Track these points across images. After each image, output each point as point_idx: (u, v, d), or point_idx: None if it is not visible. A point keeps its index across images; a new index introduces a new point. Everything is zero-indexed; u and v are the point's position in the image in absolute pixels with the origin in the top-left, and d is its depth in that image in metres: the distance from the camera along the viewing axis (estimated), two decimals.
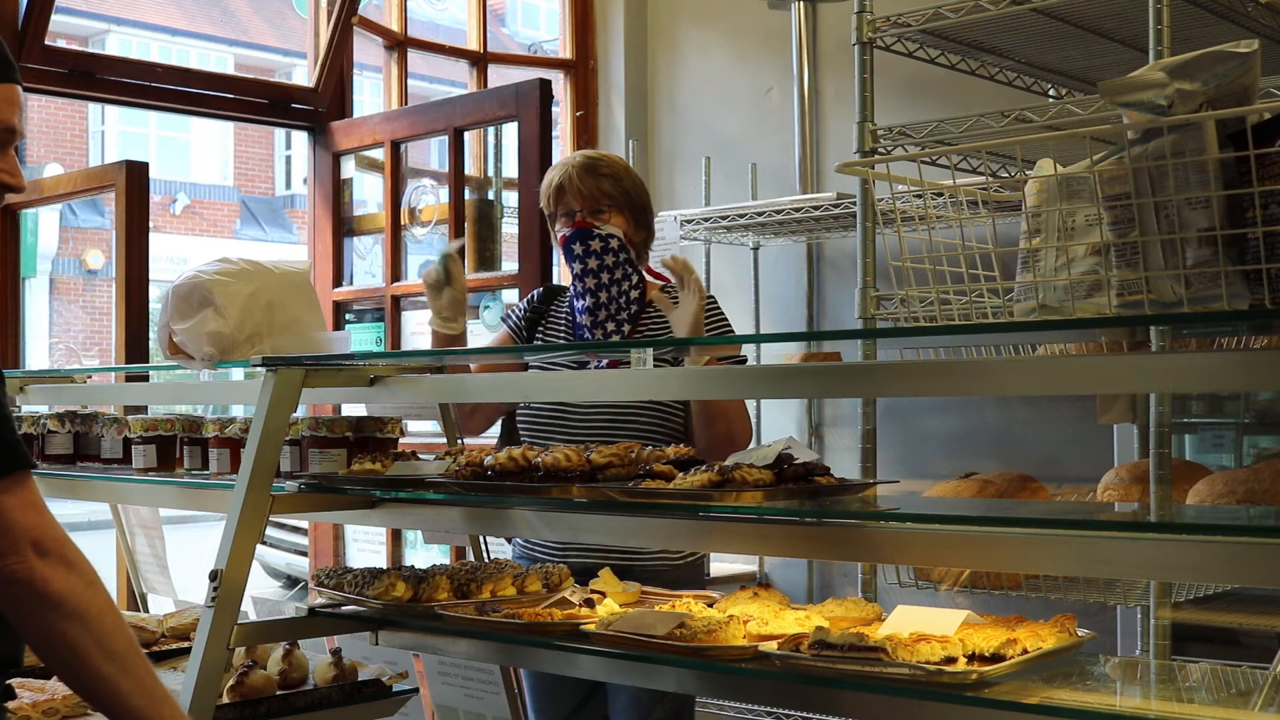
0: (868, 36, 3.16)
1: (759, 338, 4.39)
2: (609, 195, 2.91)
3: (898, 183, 2.00)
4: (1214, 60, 1.62)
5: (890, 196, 2.04)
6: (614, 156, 3.03)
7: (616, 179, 2.93)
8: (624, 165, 3.00)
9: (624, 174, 2.96)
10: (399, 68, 4.86)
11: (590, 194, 2.90)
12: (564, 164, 2.97)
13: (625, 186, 2.93)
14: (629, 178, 2.96)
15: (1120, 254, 1.70)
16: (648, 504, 1.99)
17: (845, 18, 3.29)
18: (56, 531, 1.63)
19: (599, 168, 2.93)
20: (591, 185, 2.90)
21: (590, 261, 2.89)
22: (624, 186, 2.93)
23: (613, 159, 3.00)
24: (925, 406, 4.31)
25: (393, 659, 2.59)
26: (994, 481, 3.40)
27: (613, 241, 2.89)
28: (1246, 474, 2.87)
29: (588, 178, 2.90)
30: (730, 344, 2.84)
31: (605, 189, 2.91)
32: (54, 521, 1.64)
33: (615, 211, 2.92)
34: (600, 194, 2.90)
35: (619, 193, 2.92)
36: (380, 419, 2.59)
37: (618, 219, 2.92)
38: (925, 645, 1.72)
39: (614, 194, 2.91)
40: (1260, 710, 1.68)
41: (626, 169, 2.99)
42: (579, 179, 2.90)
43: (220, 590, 2.16)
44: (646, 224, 2.99)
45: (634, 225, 2.94)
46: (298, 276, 2.87)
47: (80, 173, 4.42)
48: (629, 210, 2.93)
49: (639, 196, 2.97)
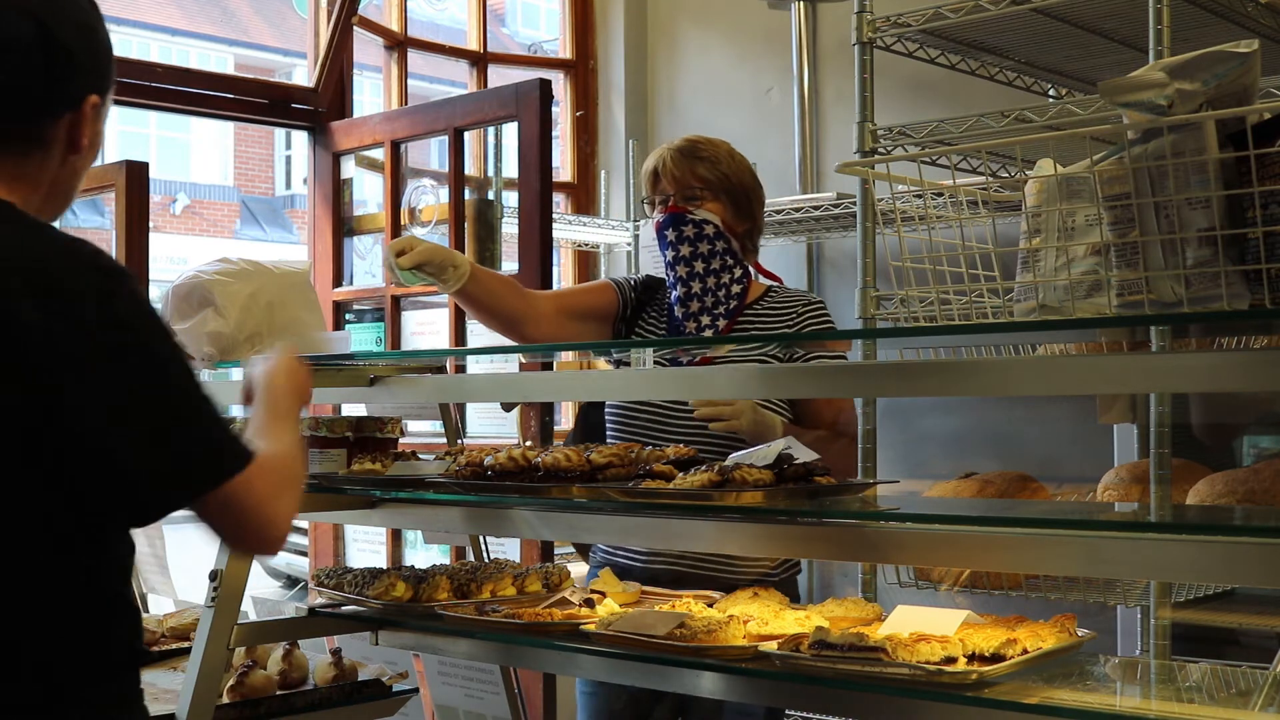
0: (868, 36, 3.16)
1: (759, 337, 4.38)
2: (704, 180, 2.74)
3: (898, 183, 2.00)
4: (1214, 60, 1.62)
5: (890, 196, 2.04)
6: (719, 141, 2.84)
7: (714, 162, 2.76)
8: (726, 149, 2.81)
9: (725, 158, 2.78)
10: (399, 68, 4.86)
11: (684, 177, 2.74)
12: (662, 147, 2.83)
13: (724, 170, 2.76)
14: (730, 162, 2.78)
15: (1120, 254, 1.70)
16: (648, 504, 1.99)
17: (845, 18, 3.29)
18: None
19: (696, 150, 2.77)
20: (685, 168, 2.75)
21: (683, 249, 2.73)
22: (723, 170, 2.76)
23: (713, 142, 2.81)
24: (925, 406, 4.31)
25: (393, 659, 2.59)
26: (994, 481, 3.40)
27: (707, 228, 2.73)
28: (1246, 474, 2.87)
29: (683, 160, 2.75)
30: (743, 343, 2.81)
31: (700, 173, 2.74)
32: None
33: (712, 197, 2.75)
34: (694, 178, 2.74)
35: (716, 177, 2.75)
36: (380, 419, 2.59)
37: (714, 205, 2.75)
38: (925, 645, 1.72)
39: (710, 178, 2.75)
40: (1260, 710, 1.68)
41: (730, 153, 2.80)
42: (673, 162, 2.75)
43: (220, 590, 2.16)
44: (750, 213, 2.81)
45: (734, 213, 2.77)
46: (298, 276, 2.87)
47: None
48: (727, 196, 2.76)
49: (741, 181, 2.78)
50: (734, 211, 2.78)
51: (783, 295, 2.90)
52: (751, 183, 2.83)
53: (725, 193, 2.77)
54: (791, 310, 2.87)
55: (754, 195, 2.83)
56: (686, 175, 2.75)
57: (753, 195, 2.83)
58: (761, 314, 2.85)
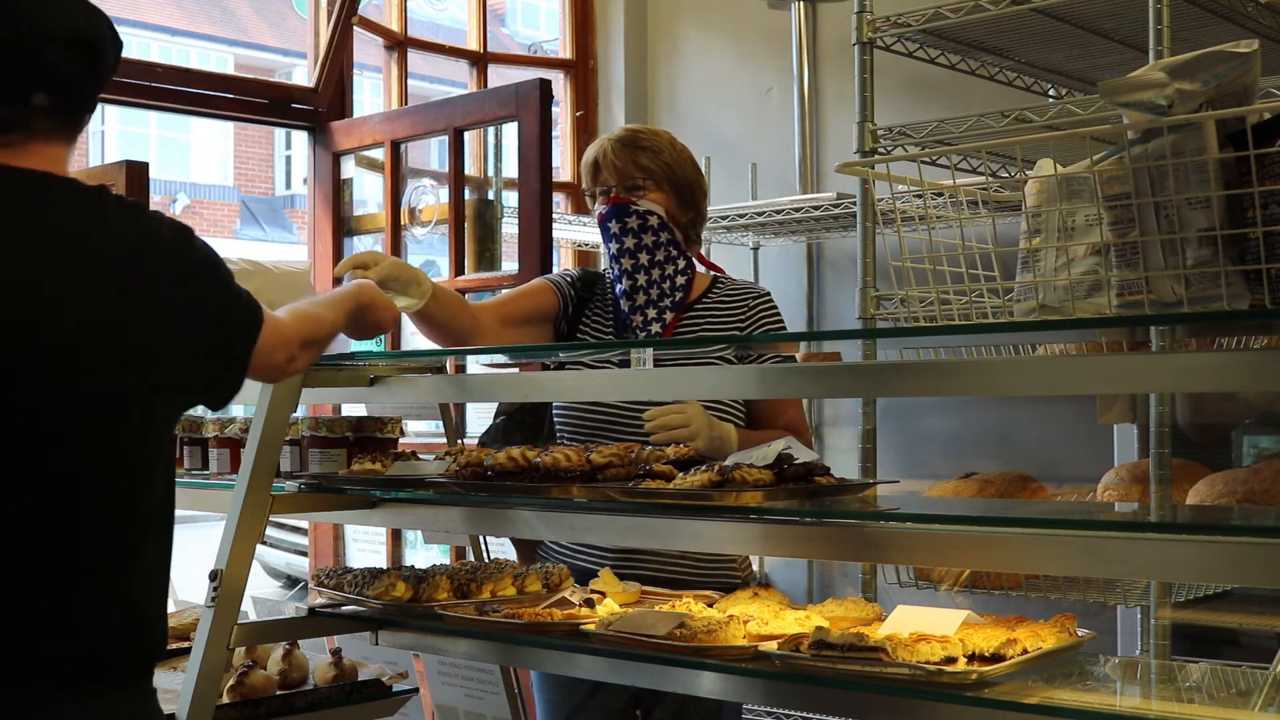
0: (868, 36, 3.16)
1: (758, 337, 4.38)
2: (646, 169, 2.70)
3: (898, 183, 2.00)
4: (1214, 60, 1.62)
5: (890, 196, 2.04)
6: (658, 130, 2.80)
7: (656, 152, 2.71)
8: (668, 139, 2.76)
9: (666, 148, 2.73)
10: (399, 68, 4.86)
11: (625, 168, 2.70)
12: (602, 138, 2.78)
13: (667, 160, 2.71)
14: (672, 151, 2.73)
15: (1120, 254, 1.70)
16: (648, 504, 1.99)
17: (845, 18, 3.29)
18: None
19: (637, 140, 2.72)
20: (627, 159, 2.70)
21: (627, 240, 2.68)
22: (665, 160, 2.71)
23: (655, 132, 2.77)
24: (925, 406, 4.31)
25: (393, 659, 2.59)
26: (994, 481, 3.40)
27: (651, 219, 2.68)
28: (1246, 474, 2.87)
29: (624, 151, 2.70)
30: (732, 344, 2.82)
31: (642, 162, 2.69)
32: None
33: (655, 187, 2.71)
34: (636, 168, 2.69)
35: (659, 166, 2.70)
36: (380, 419, 2.59)
37: (657, 195, 2.70)
38: (925, 645, 1.72)
39: (653, 168, 2.70)
40: (1260, 710, 1.68)
41: (670, 142, 2.75)
42: (614, 152, 2.70)
43: (220, 590, 2.16)
44: (694, 203, 2.75)
45: (678, 203, 2.72)
46: (298, 276, 2.87)
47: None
48: (670, 186, 2.72)
49: (684, 172, 2.74)
50: (678, 202, 2.73)
51: (730, 287, 2.84)
52: (694, 173, 2.77)
53: (668, 183, 2.72)
54: (742, 304, 2.81)
55: (697, 186, 2.78)
56: (628, 166, 2.70)
57: (695, 186, 2.77)
58: (711, 307, 2.79)
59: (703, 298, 2.80)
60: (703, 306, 2.79)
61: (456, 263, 4.23)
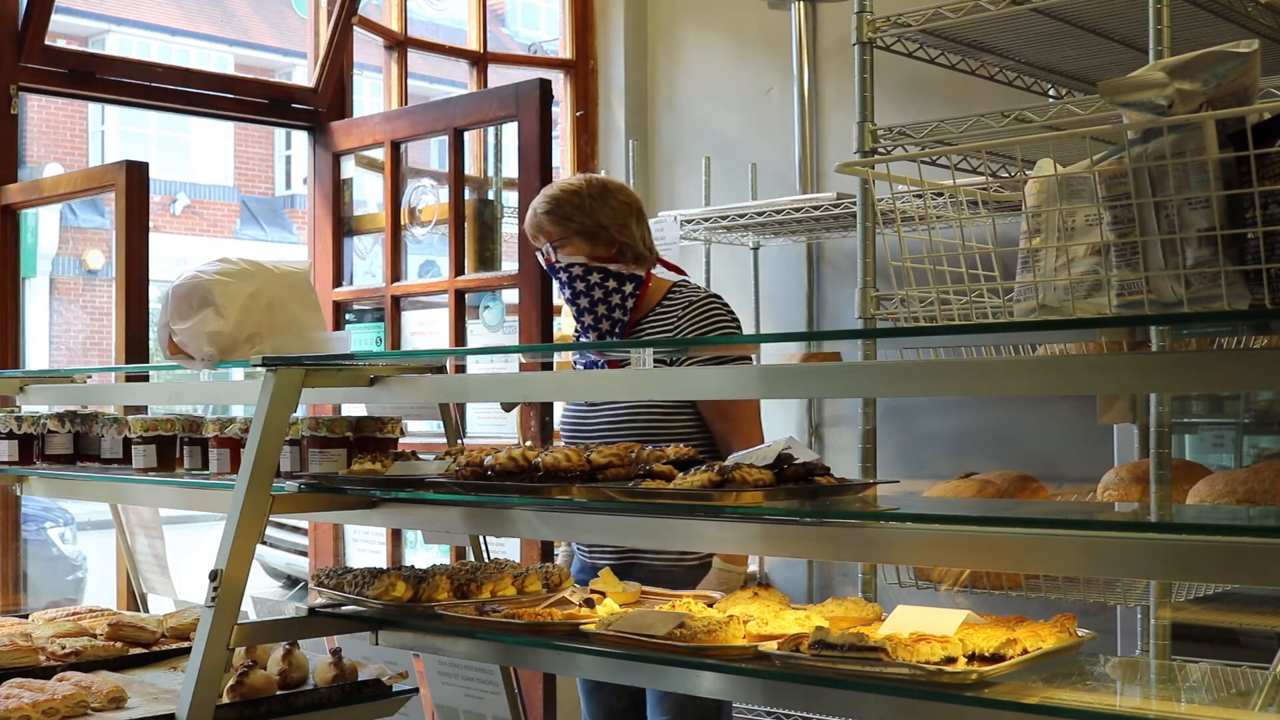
0: (868, 36, 3.16)
1: (759, 337, 4.39)
2: (551, 231, 3.03)
3: (898, 183, 2.00)
4: (1214, 60, 1.62)
5: (890, 196, 2.04)
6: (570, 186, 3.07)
7: (561, 218, 3.02)
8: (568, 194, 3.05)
9: (572, 210, 3.03)
10: (399, 68, 4.86)
11: (536, 233, 3.07)
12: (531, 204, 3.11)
13: (566, 215, 3.02)
14: (570, 204, 3.03)
15: (1120, 254, 1.70)
16: (648, 504, 1.99)
17: (845, 18, 3.29)
18: None
19: (545, 208, 3.04)
20: (534, 225, 3.06)
21: (565, 291, 3.06)
22: (564, 214, 3.02)
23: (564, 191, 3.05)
24: (925, 406, 4.31)
25: (393, 659, 2.59)
26: (994, 481, 3.40)
27: (574, 269, 3.02)
28: (1246, 474, 2.87)
29: (535, 219, 3.06)
30: (731, 344, 2.85)
31: (544, 226, 3.04)
32: None
33: (568, 241, 3.02)
34: (542, 232, 3.05)
35: (564, 229, 3.02)
36: (380, 419, 2.59)
37: (573, 247, 3.02)
38: (925, 645, 1.72)
39: (559, 230, 3.02)
40: (1260, 710, 1.68)
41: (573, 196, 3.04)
42: (530, 224, 3.07)
43: (220, 590, 2.16)
44: (608, 239, 3.04)
45: (594, 245, 3.02)
46: (298, 276, 2.87)
47: (80, 173, 4.42)
48: (582, 237, 3.02)
49: (592, 220, 3.02)
50: (594, 245, 3.03)
51: (679, 297, 3.08)
52: (610, 216, 3.05)
53: (576, 234, 3.03)
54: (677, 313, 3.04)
55: (615, 225, 3.05)
56: (541, 234, 3.07)
57: (613, 226, 3.04)
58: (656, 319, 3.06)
59: (654, 309, 3.08)
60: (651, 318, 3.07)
61: (456, 263, 4.24)
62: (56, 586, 7.56)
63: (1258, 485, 2.80)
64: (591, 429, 3.04)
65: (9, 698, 2.21)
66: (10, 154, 3.99)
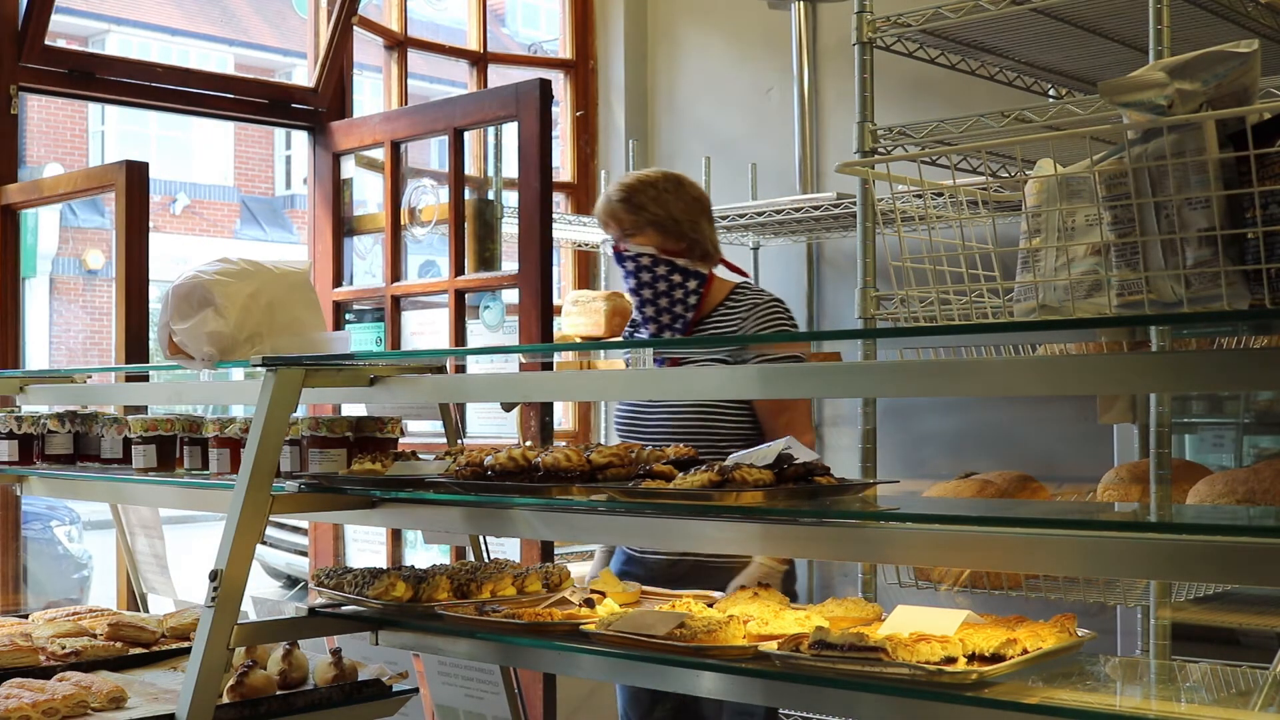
0: (868, 36, 3.16)
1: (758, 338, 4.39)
2: (626, 220, 3.12)
3: (898, 183, 2.00)
4: (1214, 60, 1.62)
5: (890, 196, 2.04)
6: (642, 176, 3.18)
7: (637, 207, 3.12)
8: (644, 184, 3.15)
9: (649, 201, 3.12)
10: (399, 68, 4.86)
11: (610, 221, 3.16)
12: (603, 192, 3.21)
13: (643, 205, 3.12)
14: (646, 195, 3.13)
15: (1120, 254, 1.70)
16: (648, 504, 1.99)
17: (845, 18, 3.29)
18: None
19: (618, 194, 3.15)
20: (608, 215, 3.16)
21: (630, 280, 3.15)
22: (642, 205, 3.11)
23: (640, 181, 3.16)
24: (925, 406, 4.31)
25: (393, 659, 2.59)
26: (994, 481, 3.40)
27: (644, 259, 3.11)
28: (1246, 474, 2.87)
29: (609, 206, 3.16)
30: (734, 344, 2.86)
31: (622, 216, 3.13)
32: None
33: (641, 231, 3.12)
34: (617, 220, 3.14)
35: (638, 218, 3.12)
36: (380, 419, 2.59)
37: (644, 237, 3.12)
38: (925, 645, 1.72)
39: (633, 219, 3.12)
40: (1260, 710, 1.68)
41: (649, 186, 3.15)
42: (603, 210, 3.18)
43: (220, 590, 2.16)
44: (681, 232, 3.13)
45: (666, 238, 3.12)
46: (298, 276, 2.87)
47: (80, 173, 4.41)
48: (655, 228, 3.12)
49: (665, 211, 3.12)
50: (665, 238, 3.13)
51: (742, 298, 3.18)
52: (682, 210, 3.15)
53: (653, 226, 3.13)
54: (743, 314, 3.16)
55: (686, 219, 3.15)
56: (614, 220, 3.16)
57: (684, 220, 3.15)
58: (720, 318, 3.16)
59: (717, 308, 3.16)
60: (715, 317, 3.15)
61: (456, 263, 4.23)
62: (62, 585, 7.57)
63: (1258, 485, 2.80)
64: (649, 429, 3.11)
65: (9, 698, 2.21)
66: (10, 154, 3.99)
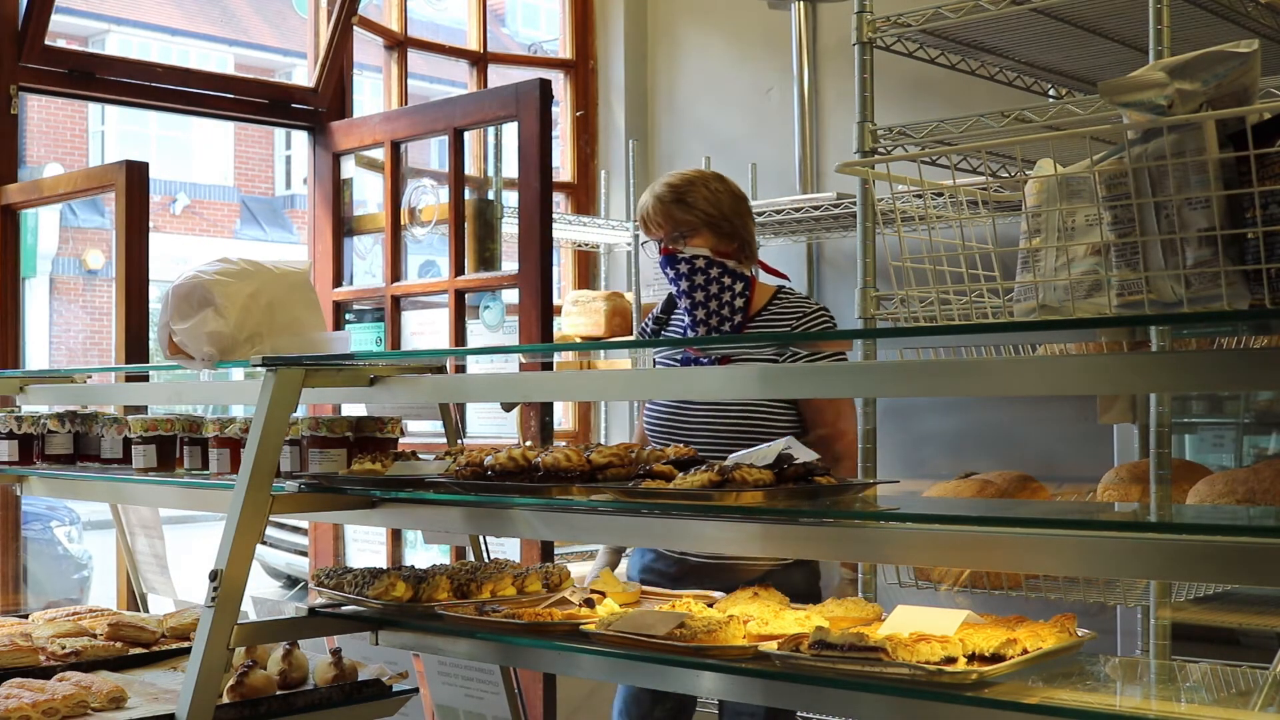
0: (868, 36, 3.16)
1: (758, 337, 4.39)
2: (682, 221, 3.03)
3: (898, 183, 2.00)
4: (1214, 60, 1.62)
5: (890, 196, 2.04)
6: (693, 176, 3.10)
7: (691, 205, 3.03)
8: (703, 184, 3.07)
9: (701, 198, 3.04)
10: (399, 68, 4.86)
11: (664, 221, 3.04)
12: (649, 192, 3.10)
13: (702, 209, 3.03)
14: (702, 195, 3.04)
15: (1120, 254, 1.70)
16: (648, 504, 1.99)
17: (845, 18, 3.29)
18: None
19: (675, 196, 3.05)
20: (665, 214, 3.04)
21: (682, 283, 3.03)
22: (700, 210, 3.03)
23: (691, 181, 3.08)
24: (925, 406, 4.31)
25: (393, 659, 2.59)
26: (994, 481, 3.40)
27: (699, 261, 3.01)
28: (1246, 474, 2.87)
29: (663, 207, 3.05)
30: (739, 344, 2.87)
31: (676, 215, 3.03)
32: None
33: (695, 232, 3.03)
34: (672, 220, 3.03)
35: (694, 217, 3.03)
36: (380, 419, 2.59)
37: (700, 239, 3.03)
38: (925, 645, 1.72)
39: (687, 218, 3.02)
40: (1260, 710, 1.68)
41: (703, 185, 3.07)
42: (654, 209, 3.06)
43: (220, 590, 2.16)
44: (732, 234, 3.06)
45: (719, 239, 3.04)
46: (298, 276, 2.87)
47: (80, 173, 4.41)
48: (709, 228, 3.03)
49: (721, 212, 3.04)
50: (718, 238, 3.05)
51: (788, 301, 3.12)
52: (732, 208, 3.08)
53: (707, 226, 3.04)
54: (797, 316, 3.10)
55: (736, 218, 3.08)
56: (668, 219, 3.04)
57: (735, 218, 3.08)
58: (768, 321, 3.08)
59: (763, 311, 3.10)
60: (761, 320, 3.09)
61: (456, 263, 4.23)
62: (62, 585, 7.57)
63: (1258, 485, 2.80)
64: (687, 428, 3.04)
65: (9, 698, 2.21)
66: (10, 154, 3.99)
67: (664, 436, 3.07)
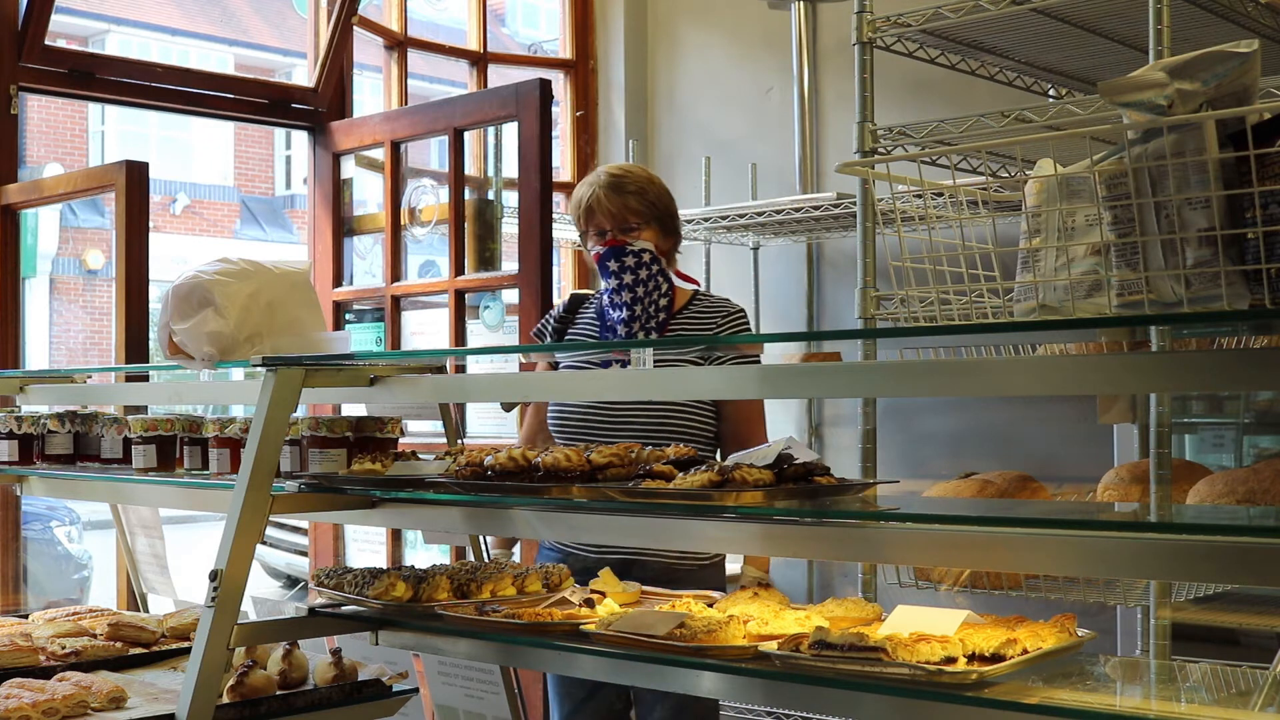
0: (868, 36, 3.16)
1: (759, 337, 4.39)
2: (636, 211, 2.98)
3: (898, 183, 2.00)
4: (1214, 60, 1.62)
5: (890, 196, 2.04)
6: (638, 170, 3.08)
7: (642, 194, 2.99)
8: (648, 177, 3.06)
9: (649, 187, 3.02)
10: (399, 68, 4.86)
11: (618, 212, 2.97)
12: (591, 183, 3.03)
13: (651, 199, 3.00)
14: (654, 189, 3.03)
15: (1120, 254, 1.70)
16: (648, 504, 1.99)
17: (845, 18, 3.29)
18: None
19: (624, 185, 2.99)
20: (619, 203, 2.97)
21: (625, 276, 2.97)
22: (649, 199, 3.00)
23: (637, 173, 3.05)
24: (925, 406, 4.31)
25: (393, 659, 2.59)
26: (994, 481, 3.40)
27: (645, 255, 2.97)
28: (1246, 474, 2.87)
29: (614, 196, 2.98)
30: (729, 344, 2.85)
31: (632, 205, 2.98)
32: None
33: (644, 226, 2.99)
34: (628, 211, 2.98)
35: (645, 206, 2.99)
36: (380, 419, 2.59)
37: (648, 232, 3.00)
38: (925, 645, 1.72)
39: (640, 209, 2.98)
40: (1260, 710, 1.68)
41: (650, 180, 3.05)
42: (606, 199, 2.98)
43: (220, 590, 2.16)
44: (674, 230, 3.07)
45: (663, 234, 3.02)
46: (298, 276, 2.87)
47: (80, 173, 4.41)
48: (657, 222, 3.01)
49: (665, 205, 3.03)
50: (663, 233, 3.03)
51: (706, 303, 3.09)
52: (671, 203, 3.08)
53: (655, 219, 3.01)
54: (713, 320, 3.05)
55: (675, 214, 3.09)
56: (621, 209, 2.98)
57: (675, 214, 3.08)
58: (687, 321, 3.04)
59: (682, 311, 3.05)
60: (681, 319, 3.04)
61: (456, 263, 4.24)
62: (62, 585, 7.57)
63: (1258, 485, 2.80)
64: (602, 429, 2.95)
65: (9, 698, 2.21)
66: (10, 154, 3.99)
67: (575, 436, 2.98)
